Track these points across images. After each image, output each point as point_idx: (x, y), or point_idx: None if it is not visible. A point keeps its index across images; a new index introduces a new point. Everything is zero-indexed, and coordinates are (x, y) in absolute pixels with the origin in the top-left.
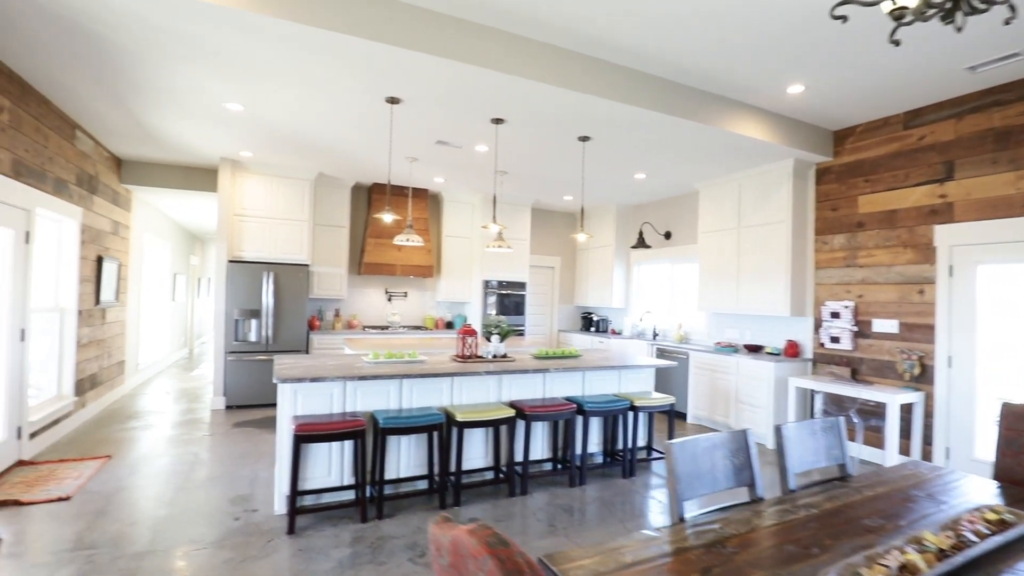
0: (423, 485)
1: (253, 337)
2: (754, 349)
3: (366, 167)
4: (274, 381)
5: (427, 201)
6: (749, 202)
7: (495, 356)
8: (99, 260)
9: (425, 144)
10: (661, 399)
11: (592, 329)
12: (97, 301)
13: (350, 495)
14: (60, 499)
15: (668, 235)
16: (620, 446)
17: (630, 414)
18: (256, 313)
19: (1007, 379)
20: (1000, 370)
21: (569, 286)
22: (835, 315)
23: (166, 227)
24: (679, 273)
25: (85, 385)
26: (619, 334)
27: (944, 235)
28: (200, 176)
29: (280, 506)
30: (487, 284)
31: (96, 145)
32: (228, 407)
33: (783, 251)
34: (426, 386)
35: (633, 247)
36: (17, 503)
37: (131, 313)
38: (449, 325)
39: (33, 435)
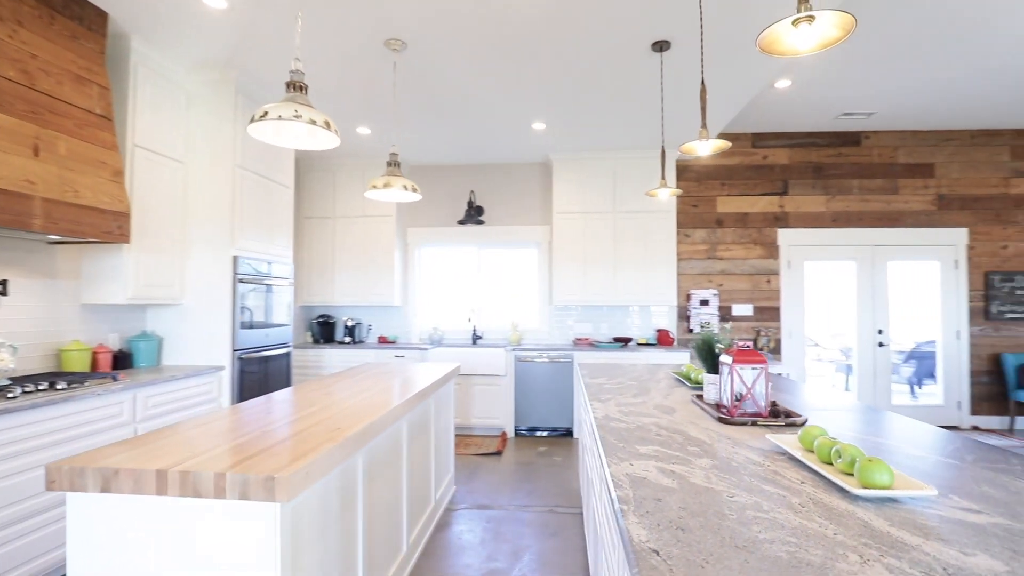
0: None
1: None
2: (623, 341)
3: None
4: None
5: (100, 44)
6: (627, 186)
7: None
8: None
9: None
10: None
11: (348, 340)
12: None
13: None
14: None
15: (479, 210)
16: None
17: None
18: None
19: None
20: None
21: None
22: (704, 302)
23: None
24: (497, 259)
25: None
26: (393, 343)
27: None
28: None
29: None
30: (237, 264)
31: None
32: None
33: (668, 240)
34: None
35: (461, 221)
36: None
37: None
38: (118, 362)
39: None
